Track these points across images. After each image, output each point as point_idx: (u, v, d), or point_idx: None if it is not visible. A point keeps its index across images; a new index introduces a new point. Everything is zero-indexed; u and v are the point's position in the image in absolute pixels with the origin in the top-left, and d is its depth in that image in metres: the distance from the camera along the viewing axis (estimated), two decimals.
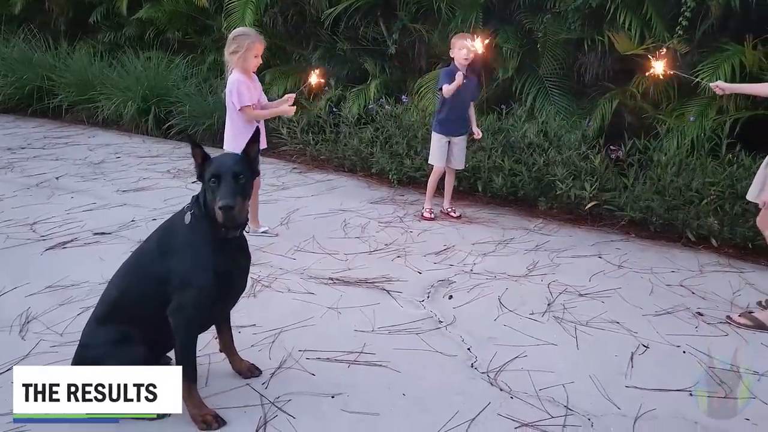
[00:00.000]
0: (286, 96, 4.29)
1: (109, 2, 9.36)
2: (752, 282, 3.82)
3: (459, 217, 4.95)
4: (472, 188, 5.46)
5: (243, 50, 4.02)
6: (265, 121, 4.54)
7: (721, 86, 3.66)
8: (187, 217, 2.26)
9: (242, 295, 2.55)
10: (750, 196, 3.38)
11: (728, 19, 5.08)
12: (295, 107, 4.28)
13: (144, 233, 4.25)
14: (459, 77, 4.49)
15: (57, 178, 5.75)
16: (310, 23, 7.30)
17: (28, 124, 8.56)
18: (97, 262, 3.77)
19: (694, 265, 4.10)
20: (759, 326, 3.21)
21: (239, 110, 4.06)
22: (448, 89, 4.55)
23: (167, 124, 7.75)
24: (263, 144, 4.31)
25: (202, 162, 2.25)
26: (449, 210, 5.02)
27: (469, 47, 4.54)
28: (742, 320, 3.25)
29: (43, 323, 3.02)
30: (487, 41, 4.68)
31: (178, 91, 7.82)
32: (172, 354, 2.44)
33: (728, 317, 3.31)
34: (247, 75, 4.12)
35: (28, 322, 3.01)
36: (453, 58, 4.66)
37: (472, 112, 4.91)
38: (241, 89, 4.03)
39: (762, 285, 3.73)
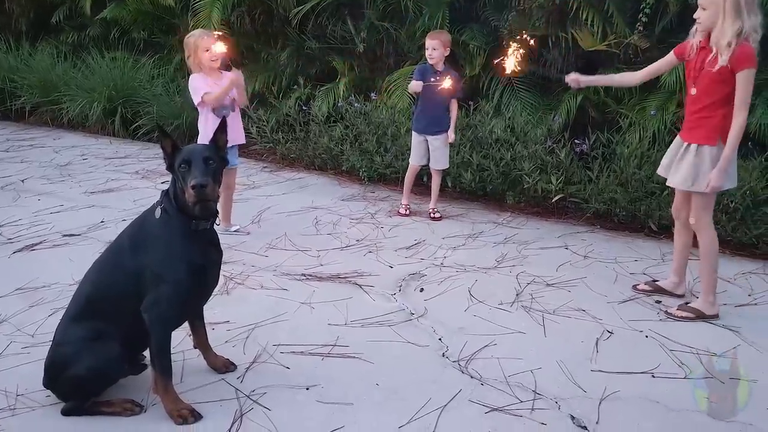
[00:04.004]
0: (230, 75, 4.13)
1: (72, 2, 9.20)
2: None
3: (439, 219, 4.92)
4: (442, 183, 5.51)
5: (192, 51, 4.05)
6: None
7: (578, 79, 3.63)
8: (158, 212, 2.29)
9: (215, 293, 2.58)
10: (684, 185, 3.22)
11: (685, 16, 5.23)
12: (240, 71, 4.15)
13: (114, 234, 4.17)
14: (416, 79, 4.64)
15: (23, 181, 5.66)
16: (278, 22, 7.30)
17: None
18: (66, 264, 3.74)
19: (656, 254, 4.24)
20: (699, 315, 3.24)
21: (199, 103, 4.05)
22: (409, 86, 4.73)
23: (134, 125, 7.67)
24: (242, 139, 4.33)
25: (172, 152, 2.27)
26: (430, 211, 4.99)
27: (434, 47, 4.62)
28: (682, 313, 3.28)
29: (13, 325, 3.00)
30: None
31: (145, 91, 7.73)
32: (146, 353, 2.46)
33: (666, 312, 3.32)
34: (208, 74, 4.10)
35: None
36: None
37: (454, 109, 4.88)
38: (196, 84, 4.04)
39: (720, 271, 3.85)
